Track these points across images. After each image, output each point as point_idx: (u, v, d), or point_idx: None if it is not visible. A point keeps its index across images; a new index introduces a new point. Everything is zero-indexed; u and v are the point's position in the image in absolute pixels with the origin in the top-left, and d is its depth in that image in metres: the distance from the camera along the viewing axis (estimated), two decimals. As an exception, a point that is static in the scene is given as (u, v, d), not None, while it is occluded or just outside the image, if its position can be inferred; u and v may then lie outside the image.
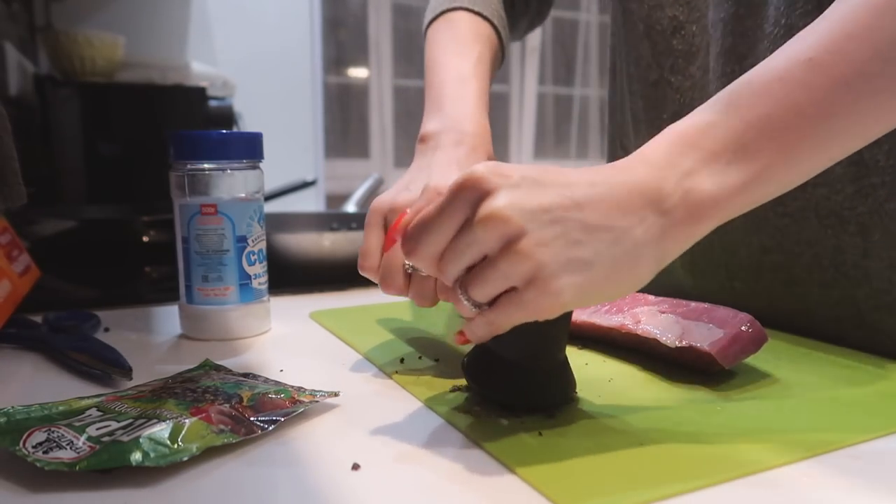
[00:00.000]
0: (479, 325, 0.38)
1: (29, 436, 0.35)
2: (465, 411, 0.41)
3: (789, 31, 0.53)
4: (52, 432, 0.36)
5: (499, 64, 0.70)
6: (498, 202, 0.34)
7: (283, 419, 0.40)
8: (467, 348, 0.45)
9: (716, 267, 0.64)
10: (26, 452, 0.34)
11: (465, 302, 0.37)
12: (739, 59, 0.57)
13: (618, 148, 0.74)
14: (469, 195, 0.35)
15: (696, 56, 0.62)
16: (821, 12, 0.50)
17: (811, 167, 0.38)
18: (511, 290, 0.36)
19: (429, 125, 0.58)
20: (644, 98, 0.67)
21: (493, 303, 0.37)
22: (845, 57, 0.36)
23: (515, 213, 0.34)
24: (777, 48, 0.45)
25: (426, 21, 0.70)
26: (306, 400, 0.42)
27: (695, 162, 0.37)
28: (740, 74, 0.55)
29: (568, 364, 0.43)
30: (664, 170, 0.37)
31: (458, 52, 0.63)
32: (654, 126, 0.66)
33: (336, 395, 0.44)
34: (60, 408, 0.39)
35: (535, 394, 0.42)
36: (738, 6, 0.56)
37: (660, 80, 0.64)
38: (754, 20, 0.56)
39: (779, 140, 0.36)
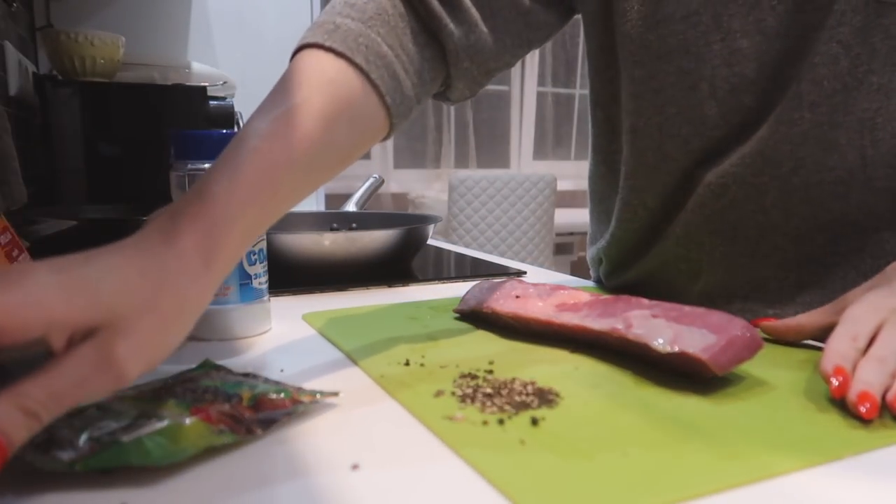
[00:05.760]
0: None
1: (29, 436, 0.35)
2: (448, 417, 0.41)
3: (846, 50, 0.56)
4: (52, 432, 0.36)
5: (374, 115, 0.50)
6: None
7: (283, 419, 0.40)
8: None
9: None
10: (25, 452, 0.34)
11: None
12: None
13: (607, 167, 0.74)
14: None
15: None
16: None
17: None
18: None
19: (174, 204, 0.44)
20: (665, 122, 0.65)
21: None
22: None
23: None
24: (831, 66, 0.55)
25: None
26: (306, 400, 0.42)
27: None
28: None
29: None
30: None
31: (266, 107, 0.45)
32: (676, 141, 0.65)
33: (336, 395, 0.44)
34: (60, 408, 0.39)
35: None
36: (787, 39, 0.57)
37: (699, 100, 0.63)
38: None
39: None
